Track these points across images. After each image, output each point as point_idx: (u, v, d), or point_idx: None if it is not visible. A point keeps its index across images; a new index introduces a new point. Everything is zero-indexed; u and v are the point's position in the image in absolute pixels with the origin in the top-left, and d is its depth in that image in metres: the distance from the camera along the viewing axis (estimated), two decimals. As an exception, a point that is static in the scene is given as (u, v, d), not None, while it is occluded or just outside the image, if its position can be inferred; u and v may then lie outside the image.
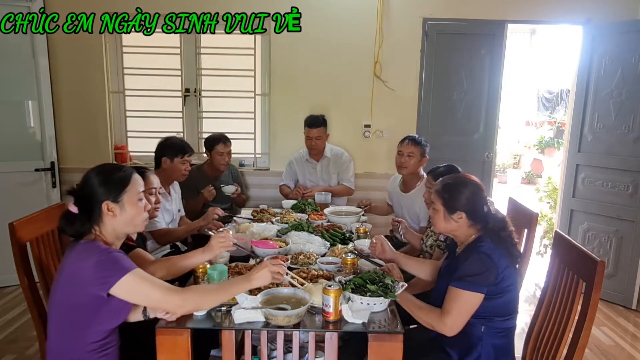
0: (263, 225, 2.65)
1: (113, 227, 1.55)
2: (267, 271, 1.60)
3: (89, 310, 1.44)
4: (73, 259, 1.46)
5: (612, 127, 3.62)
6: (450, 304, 1.66)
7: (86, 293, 1.42)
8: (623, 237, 3.59)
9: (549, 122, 10.45)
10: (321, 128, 3.49)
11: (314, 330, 1.61)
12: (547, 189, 4.80)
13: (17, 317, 3.20)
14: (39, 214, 2.07)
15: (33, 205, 2.52)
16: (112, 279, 1.40)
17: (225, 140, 3.38)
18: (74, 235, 1.52)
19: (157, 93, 4.04)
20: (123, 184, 1.55)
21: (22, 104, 3.71)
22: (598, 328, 3.24)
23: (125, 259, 1.47)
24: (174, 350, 1.57)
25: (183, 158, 2.83)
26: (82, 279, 1.41)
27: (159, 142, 2.91)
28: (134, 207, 1.57)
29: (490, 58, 3.92)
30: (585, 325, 1.53)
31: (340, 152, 3.69)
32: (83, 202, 1.52)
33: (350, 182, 3.63)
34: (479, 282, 1.64)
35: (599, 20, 3.72)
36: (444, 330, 1.66)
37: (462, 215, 1.75)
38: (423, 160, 2.97)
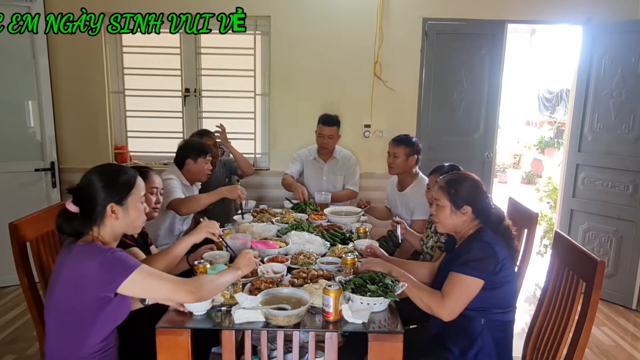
0: (263, 225, 2.65)
1: (113, 228, 1.54)
2: (248, 259, 1.74)
3: (91, 312, 1.43)
4: (72, 261, 1.44)
5: (612, 127, 3.62)
6: (451, 287, 1.68)
7: (90, 295, 1.41)
8: (623, 237, 3.59)
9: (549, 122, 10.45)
10: (334, 127, 3.49)
11: (314, 330, 1.61)
12: (547, 189, 4.80)
13: (17, 317, 3.20)
14: (39, 214, 2.07)
15: (33, 205, 2.53)
16: (119, 278, 1.40)
17: (208, 133, 3.45)
18: (71, 234, 1.51)
19: (157, 93, 4.05)
20: (128, 187, 1.56)
21: (22, 104, 3.71)
22: (598, 328, 3.24)
23: (128, 257, 1.46)
24: (174, 350, 1.57)
25: (206, 158, 2.90)
26: (85, 281, 1.40)
27: (180, 145, 2.97)
28: (136, 210, 1.58)
29: (490, 58, 3.92)
30: (585, 325, 1.53)
31: (348, 155, 3.69)
32: (84, 202, 1.51)
33: (355, 186, 3.63)
34: (480, 268, 1.67)
35: (599, 20, 3.72)
36: (442, 314, 1.68)
37: (468, 209, 1.78)
38: (410, 160, 2.96)
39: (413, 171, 3.02)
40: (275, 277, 1.88)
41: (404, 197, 3.01)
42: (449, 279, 1.71)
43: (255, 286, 1.79)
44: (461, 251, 1.77)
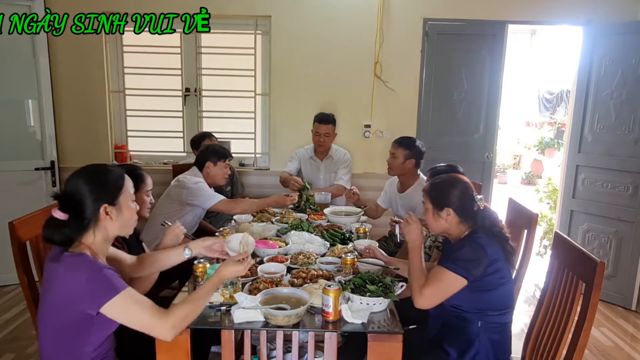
0: (263, 225, 2.65)
1: (107, 231, 1.48)
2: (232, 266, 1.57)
3: (82, 325, 1.39)
4: (62, 275, 1.38)
5: (612, 128, 3.62)
6: (434, 279, 1.70)
7: (78, 310, 1.37)
8: (623, 238, 3.59)
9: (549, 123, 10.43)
10: (330, 125, 3.53)
11: (314, 330, 1.61)
12: (547, 190, 4.80)
13: (16, 316, 3.20)
14: (39, 213, 2.07)
15: (33, 205, 2.52)
16: (103, 298, 1.34)
17: (209, 136, 3.46)
18: (61, 243, 1.43)
19: (158, 92, 4.05)
20: (119, 187, 1.50)
21: (23, 103, 3.71)
22: (597, 329, 3.24)
23: (115, 276, 1.39)
24: (174, 350, 1.57)
25: (225, 162, 2.97)
26: (73, 295, 1.36)
27: (201, 150, 3.05)
28: (129, 210, 1.52)
29: (490, 58, 3.92)
30: (585, 326, 1.53)
31: (343, 153, 3.71)
32: (74, 207, 1.43)
33: (343, 181, 3.60)
34: (466, 267, 1.67)
35: (600, 21, 3.72)
36: (418, 300, 1.70)
37: (450, 211, 1.79)
38: (408, 162, 2.96)
39: (414, 173, 3.01)
40: (274, 277, 1.88)
41: (405, 198, 3.01)
42: (435, 270, 1.73)
43: (254, 286, 1.79)
44: (453, 248, 1.78)
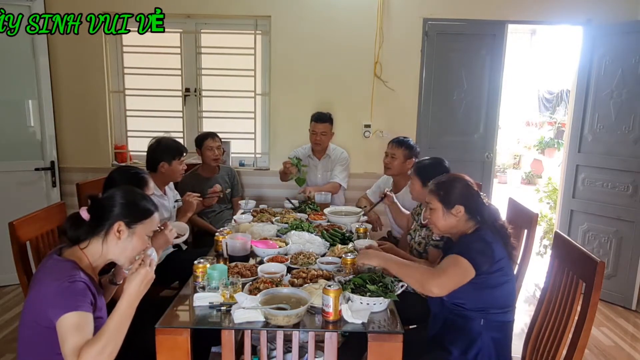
0: (263, 225, 2.65)
1: (108, 249, 1.50)
2: (137, 274, 1.41)
3: (52, 333, 1.34)
4: (42, 277, 1.40)
5: (612, 128, 3.62)
6: (448, 265, 1.67)
7: (45, 316, 1.34)
8: (623, 238, 3.59)
9: (549, 123, 10.44)
10: (327, 124, 3.53)
11: (314, 330, 1.61)
12: (547, 190, 4.80)
13: (16, 316, 3.20)
14: (39, 213, 2.07)
15: (33, 205, 2.53)
16: (61, 310, 1.31)
17: (213, 136, 3.44)
18: (70, 239, 1.49)
19: (157, 93, 4.05)
20: (145, 215, 1.55)
21: (22, 104, 3.71)
22: (598, 329, 3.24)
23: (84, 294, 1.36)
24: (174, 350, 1.57)
25: (180, 159, 2.80)
26: (44, 300, 1.35)
27: (152, 146, 2.79)
28: (140, 241, 1.54)
29: (490, 58, 3.92)
30: (585, 325, 1.53)
31: (340, 151, 3.71)
32: (99, 211, 1.50)
33: (339, 179, 3.60)
34: (477, 259, 1.67)
35: (599, 21, 3.73)
36: (433, 289, 1.63)
37: (461, 209, 1.79)
38: (407, 163, 3.00)
39: (408, 173, 3.03)
40: (274, 277, 1.88)
41: (399, 198, 3.02)
42: (447, 259, 1.70)
43: (254, 286, 1.79)
44: (462, 242, 1.77)
